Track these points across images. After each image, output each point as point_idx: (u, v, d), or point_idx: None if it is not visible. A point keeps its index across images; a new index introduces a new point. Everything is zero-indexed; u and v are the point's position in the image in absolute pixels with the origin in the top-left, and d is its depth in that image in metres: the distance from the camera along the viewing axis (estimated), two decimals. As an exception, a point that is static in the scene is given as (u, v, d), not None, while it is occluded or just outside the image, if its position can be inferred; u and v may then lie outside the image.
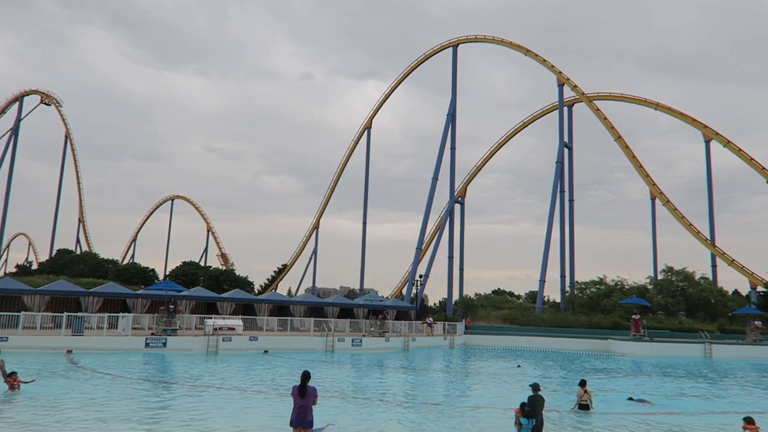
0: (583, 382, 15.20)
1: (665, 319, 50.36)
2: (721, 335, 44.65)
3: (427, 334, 41.32)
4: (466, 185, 69.05)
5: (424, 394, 18.49)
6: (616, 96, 64.74)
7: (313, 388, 9.20)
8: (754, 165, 58.22)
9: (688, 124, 61.96)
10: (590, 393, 15.13)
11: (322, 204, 79.09)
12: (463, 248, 66.79)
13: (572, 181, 65.02)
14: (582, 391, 14.99)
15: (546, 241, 57.91)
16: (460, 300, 62.05)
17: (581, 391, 15.00)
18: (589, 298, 55.28)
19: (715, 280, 57.90)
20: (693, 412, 16.10)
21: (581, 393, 14.99)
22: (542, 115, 68.30)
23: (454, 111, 64.15)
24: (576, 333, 45.31)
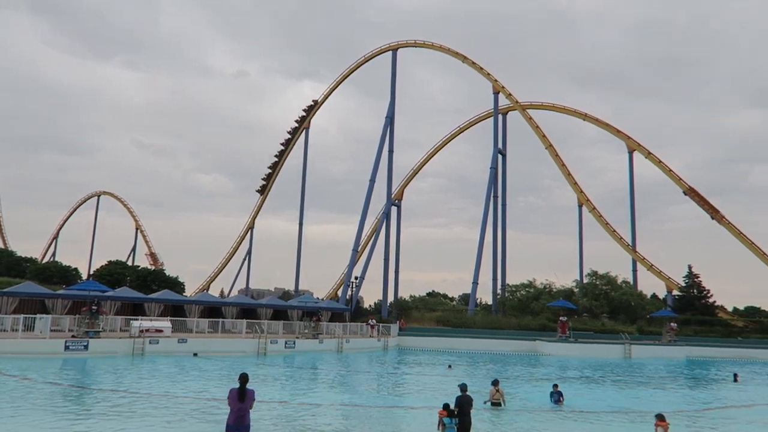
0: (496, 382, 15.90)
1: (589, 321, 52.58)
2: (640, 336, 47.08)
3: (370, 335, 41.54)
4: (403, 188, 69.73)
5: (354, 395, 18.51)
6: (547, 106, 67.08)
7: (252, 391, 9.02)
8: (672, 176, 61.79)
9: (614, 134, 65.03)
10: (502, 392, 15.77)
11: (258, 204, 77.86)
12: (399, 250, 67.38)
13: (505, 186, 66.82)
14: (494, 390, 15.65)
15: (479, 244, 59.22)
16: (394, 302, 62.51)
17: (493, 390, 15.67)
18: (519, 301, 56.96)
19: (635, 284, 60.99)
20: (609, 409, 16.88)
21: (493, 392, 15.66)
22: (477, 122, 69.93)
23: (393, 114, 64.63)
24: (506, 334, 46.54)
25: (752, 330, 55.29)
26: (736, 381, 26.32)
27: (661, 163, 62.14)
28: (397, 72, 66.50)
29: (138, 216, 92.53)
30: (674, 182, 61.67)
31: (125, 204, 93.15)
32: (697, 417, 16.27)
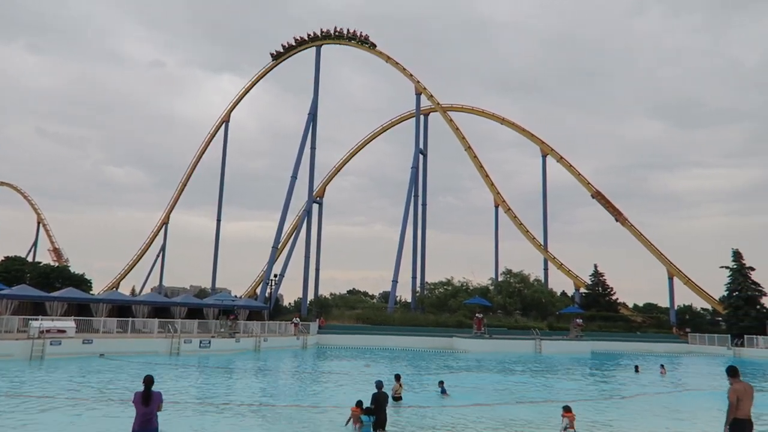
0: (398, 377, 16.25)
1: (504, 317, 54.52)
2: (550, 332, 49.32)
3: (294, 334, 41.07)
4: (325, 186, 69.43)
5: (270, 394, 18.20)
6: (467, 109, 68.90)
7: (158, 393, 8.59)
8: (581, 180, 65.19)
9: (528, 139, 67.74)
10: (403, 386, 16.09)
11: (173, 199, 74.97)
12: (320, 248, 67.04)
13: (426, 186, 68.02)
14: (397, 386, 15.97)
15: (400, 243, 59.93)
16: (315, 300, 62.11)
17: (396, 386, 15.96)
18: (438, 298, 58.19)
19: (546, 282, 63.89)
20: (517, 401, 17.54)
21: (396, 387, 15.95)
22: (399, 122, 70.78)
23: (316, 111, 64.12)
24: (424, 331, 47.37)
25: (650, 325, 59.34)
26: (637, 372, 28.09)
27: (572, 167, 65.42)
28: (321, 69, 66.07)
29: (40, 209, 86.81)
30: (583, 186, 65.13)
31: (26, 196, 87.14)
32: (601, 407, 17.20)
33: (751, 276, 54.34)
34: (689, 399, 20.09)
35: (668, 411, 17.01)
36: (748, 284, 53.89)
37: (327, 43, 67.47)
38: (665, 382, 25.13)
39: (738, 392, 8.44)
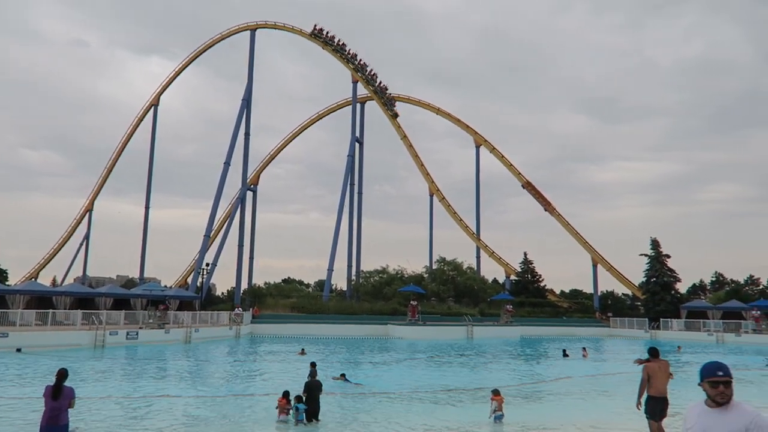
0: (313, 364, 16.33)
1: (437, 304, 55.52)
2: (481, 318, 50.68)
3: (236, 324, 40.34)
4: (259, 173, 68.14)
5: (200, 385, 17.80)
6: (403, 98, 69.22)
7: (70, 388, 8.16)
8: (512, 170, 67.01)
9: (463, 129, 68.90)
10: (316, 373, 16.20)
11: (97, 185, 71.51)
12: (254, 236, 65.91)
13: (362, 174, 67.99)
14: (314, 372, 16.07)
15: (335, 231, 59.77)
16: (248, 289, 61.09)
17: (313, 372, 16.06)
18: (373, 286, 58.53)
19: (478, 270, 65.51)
20: (445, 388, 17.94)
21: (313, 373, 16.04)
22: (336, 110, 70.28)
23: (250, 97, 62.66)
24: (360, 319, 47.61)
25: (575, 310, 62.06)
26: (565, 356, 29.23)
27: (504, 158, 67.14)
28: (255, 54, 64.57)
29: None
30: (514, 176, 67.01)
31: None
32: (529, 390, 17.84)
33: (667, 263, 57.77)
34: (610, 379, 21.17)
35: (591, 391, 17.87)
36: (665, 271, 57.26)
37: (261, 27, 65.94)
38: (588, 364, 26.36)
39: (650, 369, 8.97)
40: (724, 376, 3.52)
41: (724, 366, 3.57)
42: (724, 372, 3.53)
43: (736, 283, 76.07)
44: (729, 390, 3.50)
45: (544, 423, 12.46)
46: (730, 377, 3.53)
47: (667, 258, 58.00)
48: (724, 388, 3.50)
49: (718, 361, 3.63)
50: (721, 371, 3.53)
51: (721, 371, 3.53)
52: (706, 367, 3.63)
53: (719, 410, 3.48)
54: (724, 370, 3.54)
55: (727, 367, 3.56)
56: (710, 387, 3.56)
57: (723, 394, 3.48)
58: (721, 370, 3.54)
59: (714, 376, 3.55)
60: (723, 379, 3.51)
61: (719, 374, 3.53)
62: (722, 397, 3.48)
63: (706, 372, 3.61)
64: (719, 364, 3.60)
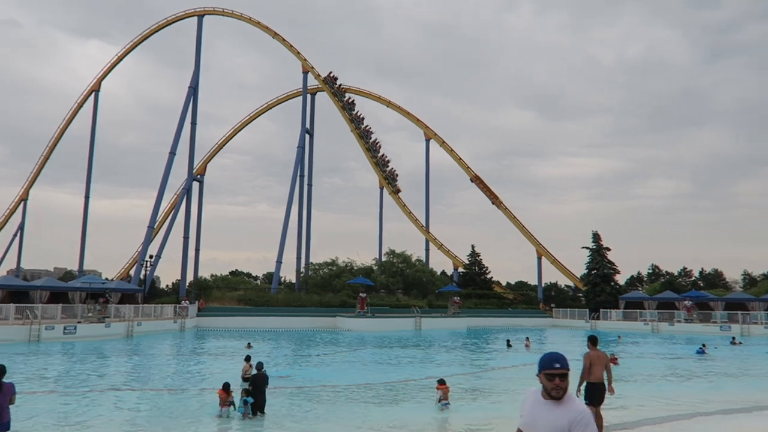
0: (248, 358, 16.33)
1: (386, 296, 55.87)
2: (429, 309, 51.30)
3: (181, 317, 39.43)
4: (206, 163, 66.62)
5: (140, 380, 17.33)
6: (354, 90, 68.99)
7: (10, 384, 7.79)
8: (461, 164, 67.95)
9: (413, 122, 69.34)
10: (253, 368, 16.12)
11: (33, 173, 68.31)
12: (200, 228, 64.45)
13: (312, 166, 67.50)
14: (248, 366, 16.04)
15: (284, 223, 59.18)
16: (194, 281, 59.79)
17: (246, 366, 16.03)
18: (322, 279, 58.32)
19: (427, 262, 66.23)
20: (394, 376, 18.12)
21: (246, 368, 16.02)
22: (286, 100, 69.39)
23: (197, 84, 61.08)
24: (308, 312, 47.38)
25: (520, 302, 63.67)
26: (509, 347, 29.94)
27: (453, 151, 67.96)
28: (203, 41, 62.92)
29: None
30: (463, 170, 67.98)
31: None
32: (473, 379, 18.20)
33: (608, 256, 59.95)
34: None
35: (533, 380, 18.38)
36: (605, 263, 59.40)
37: (209, 13, 64.30)
38: (531, 353, 27.11)
39: (590, 358, 9.52)
40: (561, 369, 3.34)
41: (562, 358, 3.40)
42: (561, 364, 3.35)
43: (670, 275, 79.77)
44: (564, 383, 3.34)
45: (487, 411, 12.76)
46: (566, 370, 3.35)
47: (608, 251, 60.19)
48: (560, 381, 3.33)
49: (556, 353, 3.45)
50: (558, 363, 3.36)
51: (558, 363, 3.36)
52: (543, 359, 3.45)
53: (552, 403, 3.32)
54: (561, 362, 3.37)
55: (564, 359, 3.40)
56: (546, 379, 3.39)
57: (558, 387, 3.32)
58: (558, 362, 3.36)
59: (551, 369, 3.37)
60: (559, 371, 3.34)
61: (556, 366, 3.35)
62: (557, 391, 3.32)
63: (544, 363, 3.42)
64: (557, 355, 3.41)
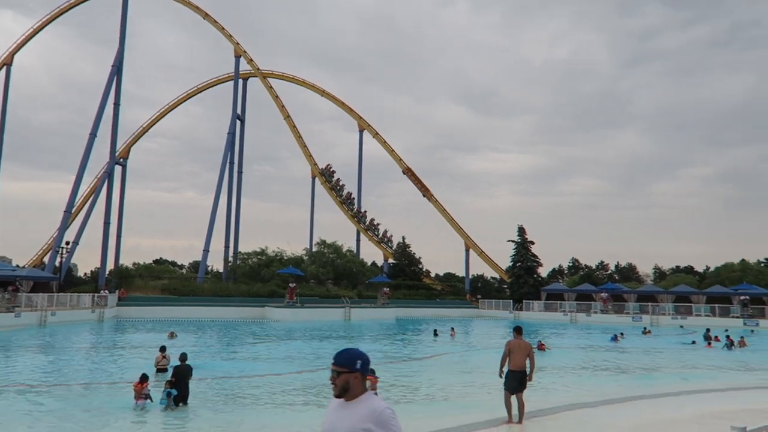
0: (163, 348, 16.08)
1: (316, 287, 55.64)
2: (359, 300, 51.54)
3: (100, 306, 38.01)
4: (130, 146, 63.81)
5: (52, 373, 16.47)
6: (288, 77, 67.99)
7: None
8: (394, 156, 68.46)
9: (347, 113, 69.12)
10: (168, 358, 15.92)
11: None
12: (122, 214, 61.75)
13: (242, 153, 66.07)
14: (161, 356, 15.81)
15: (213, 211, 57.72)
16: (115, 269, 57.28)
17: (160, 356, 15.79)
18: (251, 268, 57.33)
19: (358, 253, 66.44)
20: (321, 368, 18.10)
21: (159, 358, 15.78)
22: (216, 84, 67.48)
23: (122, 64, 58.24)
24: (236, 302, 46.51)
25: (448, 293, 65.12)
26: (436, 336, 30.54)
27: (386, 143, 68.34)
28: (128, 18, 59.99)
29: None
30: (395, 162, 68.52)
31: None
32: (401, 368, 18.46)
33: (532, 249, 62.26)
34: (476, 356, 22.50)
35: (458, 368, 18.89)
36: (529, 256, 61.67)
37: (136, -11, 61.40)
38: (456, 343, 27.82)
39: (511, 346, 9.93)
40: (333, 365, 3.08)
41: (341, 353, 3.12)
42: (335, 361, 3.09)
43: (589, 268, 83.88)
44: (339, 380, 3.05)
45: (413, 399, 12.99)
46: (339, 367, 3.06)
47: (532, 244, 62.49)
48: (335, 377, 3.07)
49: (344, 349, 3.17)
50: (334, 360, 3.10)
51: (333, 360, 3.11)
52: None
53: (349, 404, 3.05)
54: (337, 359, 3.10)
55: (341, 355, 3.11)
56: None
57: (333, 385, 3.08)
58: (335, 358, 3.11)
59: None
60: (332, 368, 3.09)
61: (332, 363, 3.11)
62: (334, 389, 3.09)
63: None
64: (339, 352, 3.14)
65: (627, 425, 9.70)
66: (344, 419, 3.02)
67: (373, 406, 2.99)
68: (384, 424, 2.93)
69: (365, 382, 3.12)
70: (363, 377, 3.10)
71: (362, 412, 2.98)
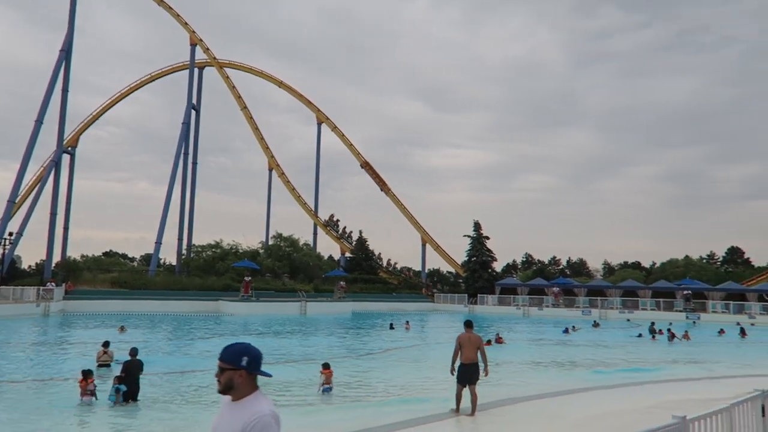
0: (107, 344, 15.83)
1: (272, 280, 55.09)
2: (316, 294, 51.31)
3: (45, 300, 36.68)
4: (79, 135, 61.60)
5: None
6: (245, 67, 66.88)
7: None
8: (352, 149, 68.31)
9: (305, 105, 68.51)
10: (111, 353, 15.72)
11: None
12: (70, 204, 59.66)
13: (197, 144, 64.67)
14: (102, 351, 15.57)
15: (166, 202, 56.45)
16: (62, 262, 55.30)
17: (101, 351, 15.56)
18: (205, 261, 56.32)
19: (315, 246, 66.13)
20: (277, 361, 18.01)
21: (101, 353, 15.55)
22: (171, 73, 65.69)
23: (71, 48, 56.00)
24: (189, 295, 45.62)
25: (404, 286, 65.46)
26: (392, 329, 30.80)
27: (344, 137, 68.10)
28: (78, 1, 57.66)
29: None
30: (354, 155, 68.39)
31: None
32: (356, 362, 18.50)
33: (486, 244, 63.21)
34: (430, 349, 22.75)
35: (413, 361, 19.06)
36: (484, 251, 62.60)
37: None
38: (411, 337, 28.07)
39: (461, 340, 10.14)
40: (219, 361, 2.84)
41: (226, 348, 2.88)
42: (220, 357, 2.85)
43: (541, 263, 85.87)
44: (223, 377, 2.80)
45: (368, 392, 13.05)
46: (223, 362, 2.81)
47: (487, 239, 63.43)
48: (218, 374, 2.83)
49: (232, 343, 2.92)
50: (220, 356, 2.86)
51: (220, 356, 2.86)
52: None
53: (234, 404, 2.80)
54: (222, 353, 2.86)
55: (227, 350, 2.86)
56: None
57: (218, 382, 2.84)
58: (221, 354, 2.87)
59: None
60: (218, 363, 2.85)
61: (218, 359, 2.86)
62: (217, 386, 2.84)
63: None
64: (226, 345, 2.90)
65: (575, 416, 10.00)
66: (224, 424, 2.77)
67: (254, 409, 2.70)
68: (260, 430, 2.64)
69: (254, 382, 2.84)
70: (250, 376, 2.81)
71: (242, 416, 2.70)
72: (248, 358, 2.80)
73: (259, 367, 2.85)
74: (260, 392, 2.84)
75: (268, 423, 2.66)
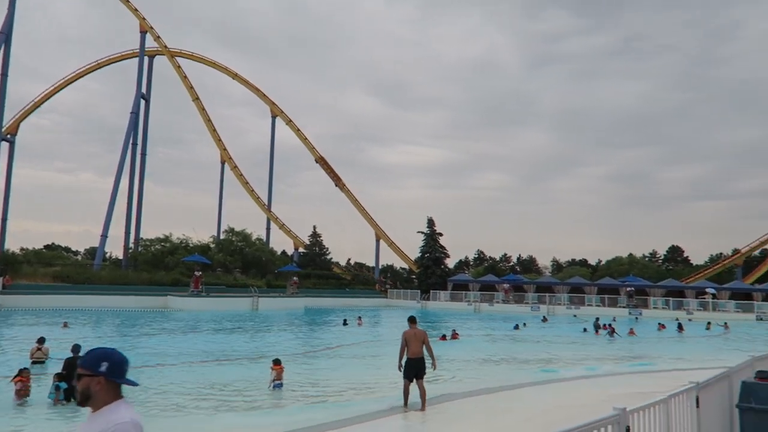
0: (42, 340, 15.46)
1: (223, 275, 54.15)
2: (268, 289, 50.73)
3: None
4: (19, 122, 58.92)
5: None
6: (197, 57, 65.36)
7: None
8: (307, 144, 67.79)
9: (260, 98, 67.52)
10: (46, 350, 15.43)
11: None
12: (8, 195, 57.00)
13: (146, 134, 62.85)
14: (36, 348, 15.22)
15: (113, 194, 54.69)
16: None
17: (35, 348, 15.21)
18: (153, 256, 54.91)
19: (268, 241, 65.36)
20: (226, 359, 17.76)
21: (35, 350, 15.21)
22: (118, 60, 63.55)
23: (10, 32, 53.44)
24: (136, 290, 44.36)
25: (358, 282, 65.53)
26: (345, 325, 30.82)
27: (299, 131, 67.50)
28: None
29: None
30: (308, 150, 67.87)
31: None
32: (308, 358, 18.40)
33: (440, 241, 63.91)
34: (383, 345, 22.83)
35: (365, 357, 19.10)
36: (437, 247, 63.27)
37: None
38: (364, 332, 28.12)
39: (406, 336, 10.34)
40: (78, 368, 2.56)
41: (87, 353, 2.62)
42: (78, 362, 2.60)
43: (493, 260, 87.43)
44: (80, 385, 2.52)
45: (319, 389, 13.00)
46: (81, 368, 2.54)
47: (440, 236, 64.14)
48: (76, 381, 2.55)
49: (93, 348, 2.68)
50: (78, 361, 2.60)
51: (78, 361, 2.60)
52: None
53: (93, 416, 2.51)
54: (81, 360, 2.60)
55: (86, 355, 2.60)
56: None
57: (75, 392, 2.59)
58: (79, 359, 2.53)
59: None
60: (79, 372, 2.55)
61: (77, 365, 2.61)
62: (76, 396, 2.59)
63: None
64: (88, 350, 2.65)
65: (522, 410, 10.23)
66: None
67: (111, 417, 2.44)
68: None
69: (117, 390, 2.55)
70: (110, 383, 2.52)
71: (102, 424, 2.42)
72: (108, 363, 2.52)
73: (122, 375, 2.56)
74: (124, 401, 2.55)
75: (127, 429, 2.42)
